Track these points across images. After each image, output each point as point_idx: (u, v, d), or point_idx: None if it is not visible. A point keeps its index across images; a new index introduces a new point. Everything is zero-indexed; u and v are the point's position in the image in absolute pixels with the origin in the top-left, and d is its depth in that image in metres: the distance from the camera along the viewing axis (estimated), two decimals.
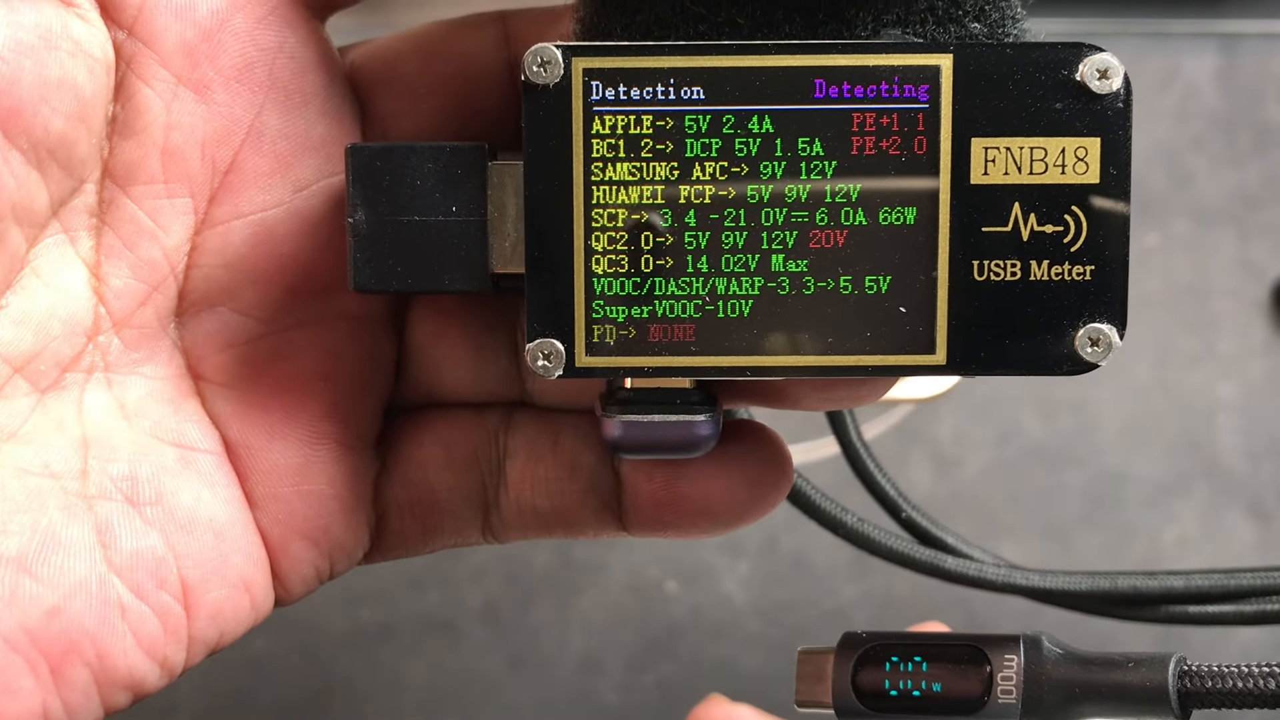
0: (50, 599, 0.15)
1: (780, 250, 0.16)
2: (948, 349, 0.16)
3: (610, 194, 0.16)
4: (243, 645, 0.53)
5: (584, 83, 0.16)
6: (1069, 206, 0.16)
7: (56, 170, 0.16)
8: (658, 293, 0.16)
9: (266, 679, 0.52)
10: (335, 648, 0.52)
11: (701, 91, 0.15)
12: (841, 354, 0.16)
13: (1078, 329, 0.17)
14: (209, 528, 0.17)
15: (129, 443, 0.17)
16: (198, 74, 0.17)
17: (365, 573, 0.53)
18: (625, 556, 0.52)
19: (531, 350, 0.16)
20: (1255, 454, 0.53)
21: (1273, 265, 0.53)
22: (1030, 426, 0.53)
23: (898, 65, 0.15)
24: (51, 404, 0.16)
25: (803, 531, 0.52)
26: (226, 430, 0.18)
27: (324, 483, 0.18)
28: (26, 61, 0.15)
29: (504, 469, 0.19)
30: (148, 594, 0.16)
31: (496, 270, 0.16)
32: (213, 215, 0.17)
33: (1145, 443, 0.53)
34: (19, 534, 0.15)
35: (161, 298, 0.17)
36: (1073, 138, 0.16)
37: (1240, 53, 0.55)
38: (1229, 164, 0.54)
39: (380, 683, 0.52)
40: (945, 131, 0.16)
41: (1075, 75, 0.16)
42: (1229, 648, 0.51)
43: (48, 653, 0.15)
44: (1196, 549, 0.52)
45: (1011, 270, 0.16)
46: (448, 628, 0.52)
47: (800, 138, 0.16)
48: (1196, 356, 0.53)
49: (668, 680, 0.51)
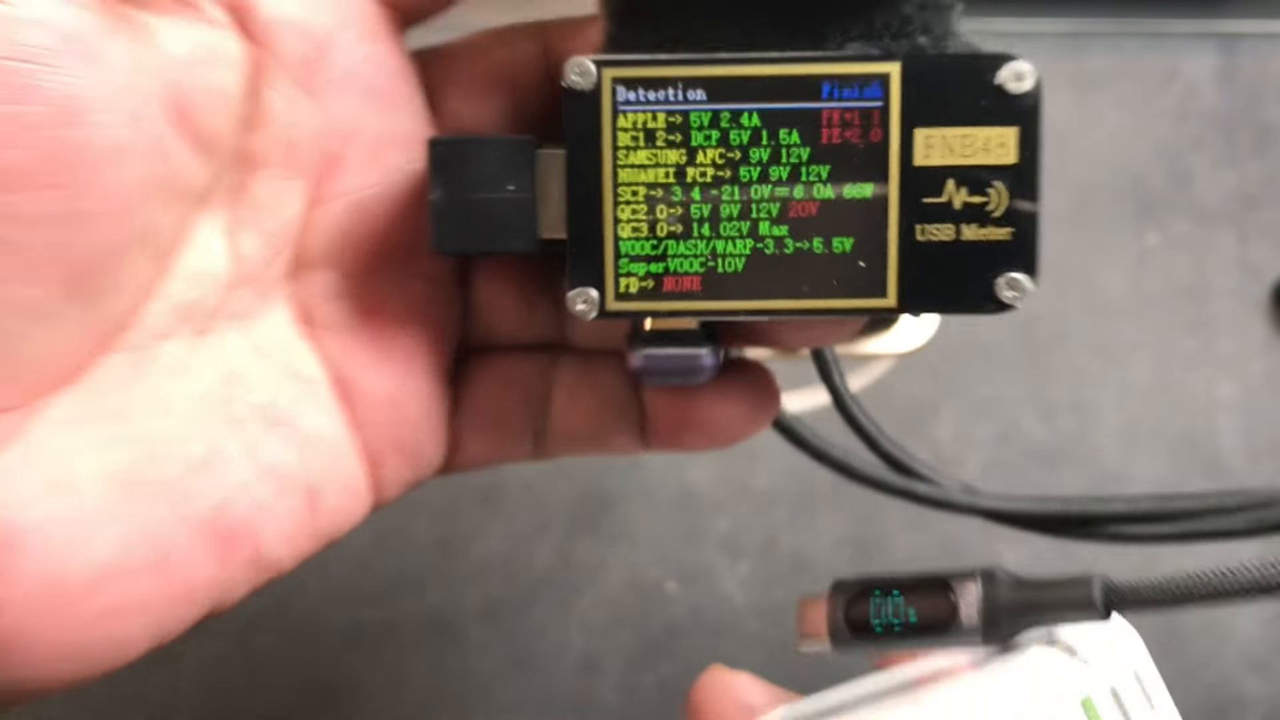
0: (219, 496, 0.20)
1: (766, 218, 0.20)
2: (897, 294, 0.20)
3: (632, 175, 0.20)
4: (243, 644, 0.53)
5: (612, 88, 0.20)
6: (991, 182, 0.20)
7: (210, 158, 0.20)
8: (670, 252, 0.20)
9: (267, 678, 0.52)
10: (336, 647, 0.52)
11: (704, 94, 0.20)
12: (815, 299, 0.20)
13: (999, 277, 0.20)
14: (326, 446, 0.21)
15: (263, 377, 0.21)
16: (312, 81, 0.21)
17: (366, 573, 0.53)
18: (625, 556, 0.52)
19: (572, 297, 0.20)
20: (1255, 454, 0.53)
21: (1272, 266, 0.54)
22: (1030, 427, 0.53)
23: (858, 72, 0.19)
24: (204, 345, 0.21)
25: (802, 533, 0.52)
26: (335, 367, 0.22)
27: (412, 410, 0.22)
28: (196, 71, 0.20)
29: (550, 400, 0.24)
30: (286, 497, 0.21)
31: (543, 236, 0.21)
32: (321, 195, 0.22)
33: (1145, 443, 0.53)
34: (197, 444, 0.20)
35: (281, 260, 0.22)
36: (995, 127, 0.20)
37: (1240, 53, 0.55)
38: (1229, 164, 0.54)
39: (381, 682, 0.52)
40: (894, 124, 0.20)
41: (996, 79, 0.20)
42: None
43: (218, 538, 0.20)
44: (1194, 548, 0.52)
45: (946, 232, 0.20)
46: (448, 627, 0.52)
47: (781, 129, 0.20)
48: (1196, 357, 0.53)
49: (668, 680, 0.51)
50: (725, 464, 0.52)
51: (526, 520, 0.52)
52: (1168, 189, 0.54)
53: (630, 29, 0.20)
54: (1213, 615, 0.52)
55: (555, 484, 0.53)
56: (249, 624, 0.52)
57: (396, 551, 0.52)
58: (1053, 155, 0.57)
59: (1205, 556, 0.25)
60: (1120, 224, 0.54)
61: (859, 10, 0.19)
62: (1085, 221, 0.54)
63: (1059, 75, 0.55)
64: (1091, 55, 0.55)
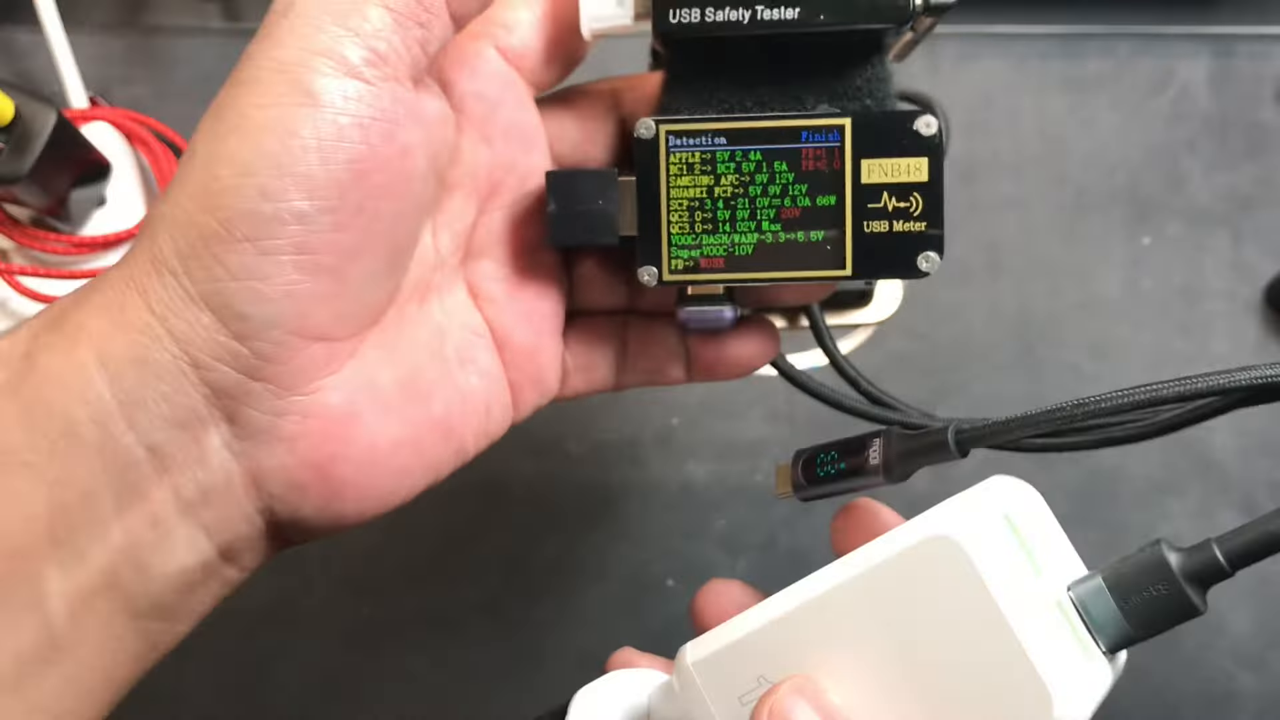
0: (445, 405, 0.30)
1: (766, 219, 0.30)
2: (852, 266, 0.29)
3: (679, 193, 0.30)
4: (250, 640, 0.54)
5: (665, 137, 0.30)
6: (912, 193, 0.29)
7: (438, 186, 0.30)
8: (703, 242, 0.30)
9: (272, 674, 0.53)
10: (340, 642, 0.53)
11: (725, 140, 0.29)
12: (799, 270, 0.30)
13: (919, 255, 0.29)
14: (491, 377, 0.31)
15: (454, 332, 0.31)
16: (486, 131, 0.30)
17: (371, 568, 0.54)
18: (626, 553, 0.52)
19: (640, 272, 0.30)
20: (1248, 453, 0.53)
21: (1265, 267, 0.54)
22: None
23: (824, 125, 0.29)
24: (423, 308, 0.30)
25: (800, 530, 0.53)
26: (493, 327, 0.31)
27: (541, 356, 0.32)
28: (440, 128, 0.29)
29: (625, 347, 0.33)
30: (474, 409, 0.31)
31: (622, 234, 0.30)
32: (485, 208, 0.31)
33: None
34: (430, 371, 0.30)
35: (460, 253, 0.31)
36: (913, 158, 0.29)
37: (1233, 55, 0.56)
38: (1222, 166, 0.55)
39: (384, 677, 0.52)
40: (848, 157, 0.29)
41: (914, 126, 0.29)
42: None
43: (445, 432, 0.30)
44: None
45: (884, 226, 0.29)
46: (451, 623, 0.52)
47: (775, 162, 0.29)
48: (1190, 357, 0.53)
49: None
50: (724, 463, 0.53)
51: (529, 518, 0.53)
52: (1162, 191, 0.55)
53: (677, 98, 0.30)
54: (1207, 614, 0.52)
55: (557, 483, 0.53)
56: (255, 621, 0.52)
57: (401, 549, 0.53)
58: (1048, 157, 0.57)
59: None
60: (1115, 225, 0.54)
61: (825, 85, 0.29)
62: (1080, 223, 0.54)
63: (1054, 78, 0.55)
64: (1086, 58, 0.56)
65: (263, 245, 0.25)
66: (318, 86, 0.25)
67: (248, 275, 0.25)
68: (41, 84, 0.55)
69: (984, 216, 0.54)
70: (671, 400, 0.53)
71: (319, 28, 0.25)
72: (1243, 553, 0.24)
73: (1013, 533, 0.25)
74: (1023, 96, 0.55)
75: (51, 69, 0.52)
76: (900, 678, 0.24)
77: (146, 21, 0.56)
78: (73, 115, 0.51)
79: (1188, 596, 0.24)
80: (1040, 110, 0.55)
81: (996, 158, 0.55)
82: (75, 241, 0.49)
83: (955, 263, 0.54)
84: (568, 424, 0.53)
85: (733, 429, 0.53)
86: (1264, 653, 0.52)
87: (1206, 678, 0.51)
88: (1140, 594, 0.24)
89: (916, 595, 0.24)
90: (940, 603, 0.24)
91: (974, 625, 0.23)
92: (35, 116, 0.45)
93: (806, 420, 0.53)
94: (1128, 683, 0.55)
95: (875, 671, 0.25)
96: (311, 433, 0.27)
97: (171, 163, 0.52)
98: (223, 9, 0.56)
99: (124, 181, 0.51)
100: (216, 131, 0.25)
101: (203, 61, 0.56)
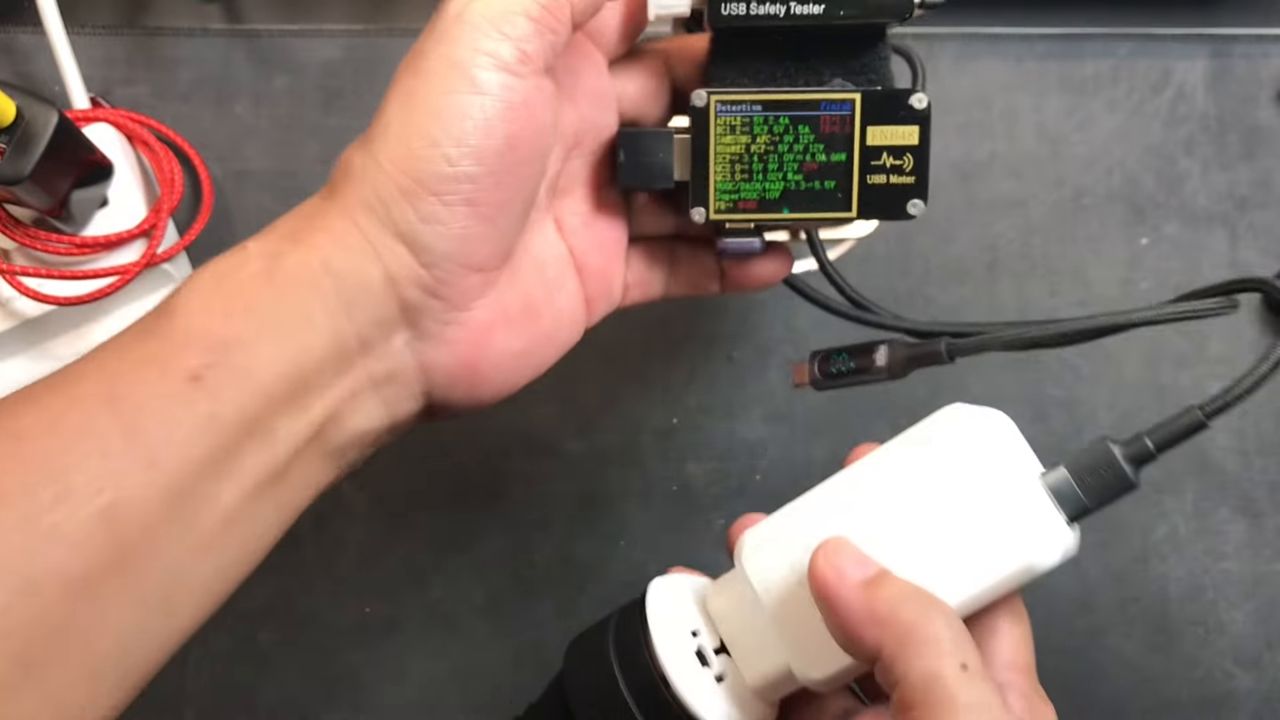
0: (551, 319, 0.38)
1: (791, 170, 0.37)
2: (857, 209, 0.37)
3: (723, 148, 0.37)
4: (250, 639, 0.54)
5: (714, 105, 0.36)
6: (905, 153, 0.36)
7: (553, 149, 0.37)
8: (741, 188, 0.37)
9: (273, 672, 0.53)
10: (341, 642, 0.53)
11: (760, 108, 0.36)
12: (816, 212, 0.37)
13: (908, 200, 0.36)
14: (575, 296, 0.38)
15: (550, 262, 0.38)
16: (574, 95, 0.37)
17: (371, 568, 0.54)
18: (624, 553, 0.53)
19: (692, 211, 0.37)
20: (1245, 453, 0.53)
21: (1263, 267, 0.54)
22: (1022, 425, 0.53)
23: (838, 98, 0.36)
24: (529, 246, 0.37)
25: None
26: (574, 252, 0.38)
27: (612, 274, 0.39)
28: (557, 106, 0.36)
29: (675, 266, 0.41)
30: (573, 319, 0.39)
31: (676, 179, 0.37)
32: (569, 156, 0.38)
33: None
34: (539, 289, 0.37)
35: (549, 193, 0.38)
36: (906, 126, 0.36)
37: (1231, 56, 0.56)
38: (1220, 167, 0.55)
39: (385, 676, 0.52)
40: (857, 123, 0.36)
41: (909, 101, 0.36)
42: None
43: (550, 341, 0.38)
44: (1188, 546, 0.52)
45: (882, 179, 0.36)
46: (451, 622, 0.52)
47: (800, 125, 0.36)
48: (1186, 357, 0.54)
49: None
50: (722, 462, 0.53)
51: (528, 518, 0.53)
52: (1160, 191, 0.55)
53: (723, 71, 0.37)
54: (1205, 613, 0.52)
55: (556, 483, 0.53)
56: (255, 619, 0.53)
57: (401, 549, 0.53)
58: (1046, 158, 0.58)
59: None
60: (1113, 225, 0.55)
61: (839, 63, 0.37)
62: (1078, 223, 0.55)
63: (1052, 79, 0.56)
64: (1084, 59, 0.56)
65: (445, 199, 0.33)
66: (483, 79, 0.33)
67: (434, 220, 0.33)
68: (43, 85, 0.55)
69: (982, 216, 0.55)
70: (671, 400, 0.54)
71: (484, 33, 0.33)
72: (1163, 441, 0.32)
73: (1013, 429, 0.33)
74: (1021, 97, 0.56)
75: (53, 70, 0.52)
76: (914, 533, 0.32)
77: (148, 23, 0.57)
78: (74, 116, 0.51)
79: (1127, 474, 0.32)
80: (1039, 111, 0.55)
81: (995, 158, 0.55)
82: (77, 242, 0.49)
83: (954, 262, 0.54)
84: (568, 424, 0.54)
85: (733, 429, 0.54)
86: (1261, 653, 0.52)
87: (1204, 677, 0.52)
88: (1093, 475, 0.32)
89: (934, 469, 0.32)
90: (951, 470, 0.31)
91: (972, 487, 0.31)
92: (37, 117, 0.45)
93: (805, 420, 0.54)
94: (1126, 682, 0.56)
95: (903, 528, 0.32)
96: (466, 340, 0.35)
97: (173, 163, 0.52)
98: (224, 10, 0.57)
99: (125, 182, 0.51)
100: (409, 109, 0.33)
101: (204, 63, 0.56)
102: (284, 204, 0.54)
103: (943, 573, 0.31)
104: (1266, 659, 0.52)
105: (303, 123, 0.55)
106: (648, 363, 0.54)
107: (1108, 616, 0.52)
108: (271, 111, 0.55)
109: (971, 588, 0.31)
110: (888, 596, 0.31)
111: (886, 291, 0.54)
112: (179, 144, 0.54)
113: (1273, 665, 0.52)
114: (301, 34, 0.56)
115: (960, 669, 0.29)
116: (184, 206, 0.54)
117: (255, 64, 0.56)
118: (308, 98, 0.55)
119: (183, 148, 0.54)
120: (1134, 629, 0.52)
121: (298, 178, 0.55)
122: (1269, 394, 0.53)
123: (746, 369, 0.54)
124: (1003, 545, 0.31)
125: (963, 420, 0.32)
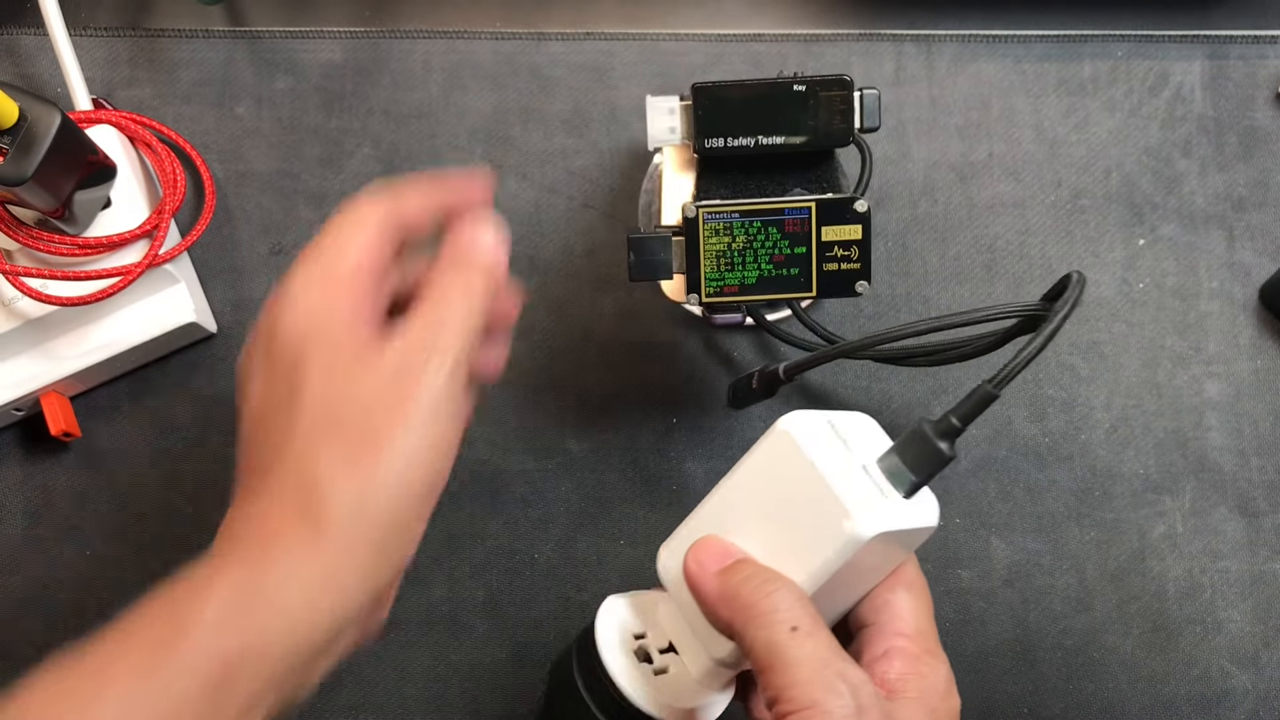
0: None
1: (764, 262, 0.45)
2: (816, 290, 0.45)
3: (709, 248, 0.45)
4: None
5: (702, 215, 0.44)
6: (852, 245, 0.45)
7: None
8: (725, 277, 0.45)
9: None
10: None
11: (738, 215, 0.44)
12: (784, 293, 0.45)
13: (856, 281, 0.45)
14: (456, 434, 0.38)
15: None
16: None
17: None
18: (623, 552, 0.53)
19: (688, 298, 0.45)
20: (1243, 452, 0.53)
21: (1260, 267, 0.54)
22: (1021, 425, 0.53)
23: (799, 204, 0.44)
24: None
25: None
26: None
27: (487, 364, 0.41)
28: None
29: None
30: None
31: (675, 273, 0.45)
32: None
33: (1134, 441, 0.53)
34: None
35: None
36: (852, 224, 0.44)
37: (1228, 58, 0.56)
38: (1217, 167, 0.55)
39: (386, 674, 0.52)
40: (814, 223, 0.44)
41: (854, 205, 0.44)
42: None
43: None
44: (1185, 546, 0.52)
45: (835, 266, 0.45)
46: (452, 621, 0.52)
47: (769, 228, 0.45)
48: (1185, 357, 0.54)
49: None
50: (720, 461, 0.53)
51: (528, 518, 0.53)
52: (1157, 192, 0.55)
53: (708, 186, 0.46)
54: (1202, 612, 0.52)
55: (556, 483, 0.53)
56: None
57: None
58: (1044, 159, 0.57)
59: None
60: (1110, 226, 0.55)
61: (799, 175, 0.46)
62: (1076, 224, 0.55)
63: (1050, 80, 0.56)
64: (1082, 60, 0.56)
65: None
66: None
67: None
68: (46, 87, 0.56)
69: (981, 217, 0.55)
70: (671, 400, 0.54)
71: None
72: (965, 416, 0.36)
73: (831, 428, 0.37)
74: (1019, 98, 0.56)
75: (56, 72, 0.53)
76: (769, 525, 0.37)
77: (150, 25, 0.57)
78: (77, 117, 0.52)
79: (940, 449, 0.35)
80: (1036, 112, 0.56)
81: (993, 159, 0.55)
82: (79, 243, 0.49)
83: (952, 263, 0.55)
84: (568, 424, 0.54)
85: (732, 429, 0.54)
86: (1259, 651, 0.52)
87: (1202, 676, 0.52)
88: (914, 452, 0.36)
89: (771, 470, 0.37)
90: (783, 469, 0.36)
91: (800, 480, 0.36)
92: (40, 119, 0.45)
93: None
94: (1124, 680, 0.56)
95: (757, 522, 0.37)
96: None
97: (175, 164, 0.53)
98: (225, 12, 0.57)
99: (127, 183, 0.51)
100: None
101: (206, 64, 0.56)
102: (285, 204, 0.55)
103: (790, 555, 0.36)
104: (1264, 657, 0.52)
105: (304, 124, 0.55)
106: (648, 363, 0.54)
107: (1106, 615, 0.52)
108: (273, 113, 0.55)
109: (812, 563, 0.35)
110: (736, 580, 0.36)
111: (886, 292, 0.54)
112: (181, 145, 0.54)
113: (1270, 664, 0.52)
114: (303, 36, 0.56)
115: (790, 631, 0.34)
116: (186, 207, 0.55)
117: (257, 66, 0.56)
118: (309, 99, 0.56)
119: (185, 149, 0.54)
120: (1132, 628, 0.52)
121: (299, 178, 0.55)
122: (1266, 394, 0.54)
123: (746, 369, 0.54)
124: (827, 523, 0.35)
125: (784, 427, 0.37)
